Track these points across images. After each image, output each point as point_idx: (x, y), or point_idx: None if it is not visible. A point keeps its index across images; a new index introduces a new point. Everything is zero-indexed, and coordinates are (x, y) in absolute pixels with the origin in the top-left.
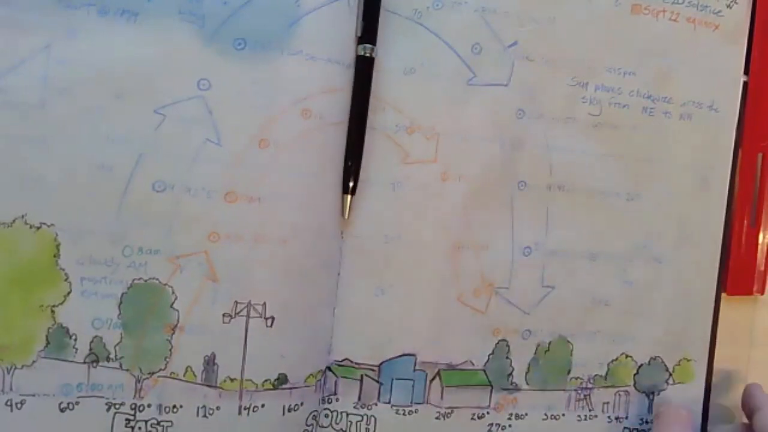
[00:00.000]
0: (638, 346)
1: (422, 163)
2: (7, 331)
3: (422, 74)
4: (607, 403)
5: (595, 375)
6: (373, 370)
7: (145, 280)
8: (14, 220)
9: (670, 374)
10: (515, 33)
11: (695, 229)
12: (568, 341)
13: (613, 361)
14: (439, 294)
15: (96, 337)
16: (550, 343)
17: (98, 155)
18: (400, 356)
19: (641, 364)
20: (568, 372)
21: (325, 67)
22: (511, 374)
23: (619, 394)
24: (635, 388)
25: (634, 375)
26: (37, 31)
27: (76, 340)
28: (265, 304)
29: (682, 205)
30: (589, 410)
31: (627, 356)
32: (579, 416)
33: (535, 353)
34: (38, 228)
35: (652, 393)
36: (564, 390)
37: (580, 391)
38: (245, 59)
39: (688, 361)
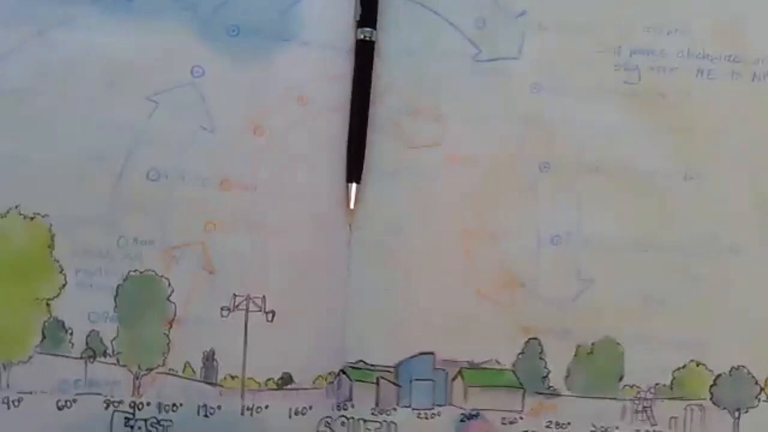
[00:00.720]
0: (713, 352)
1: (427, 147)
2: (1, 325)
3: (423, 54)
4: (675, 418)
5: (657, 384)
6: (389, 371)
7: (141, 272)
8: (8, 211)
9: (762, 389)
10: (524, 1)
11: None
12: (617, 343)
13: (679, 369)
14: (454, 286)
15: (92, 331)
16: (593, 345)
17: (91, 143)
18: (417, 355)
19: (719, 374)
20: (620, 378)
21: (321, 52)
22: (546, 377)
23: (691, 409)
24: (713, 403)
25: (711, 387)
26: (30, 17)
27: (72, 334)
28: (264, 297)
29: (763, 185)
30: (651, 425)
31: (699, 364)
32: (638, 431)
33: (576, 355)
34: (32, 218)
35: (738, 410)
36: (615, 399)
37: (637, 402)
38: (239, 46)
39: None
